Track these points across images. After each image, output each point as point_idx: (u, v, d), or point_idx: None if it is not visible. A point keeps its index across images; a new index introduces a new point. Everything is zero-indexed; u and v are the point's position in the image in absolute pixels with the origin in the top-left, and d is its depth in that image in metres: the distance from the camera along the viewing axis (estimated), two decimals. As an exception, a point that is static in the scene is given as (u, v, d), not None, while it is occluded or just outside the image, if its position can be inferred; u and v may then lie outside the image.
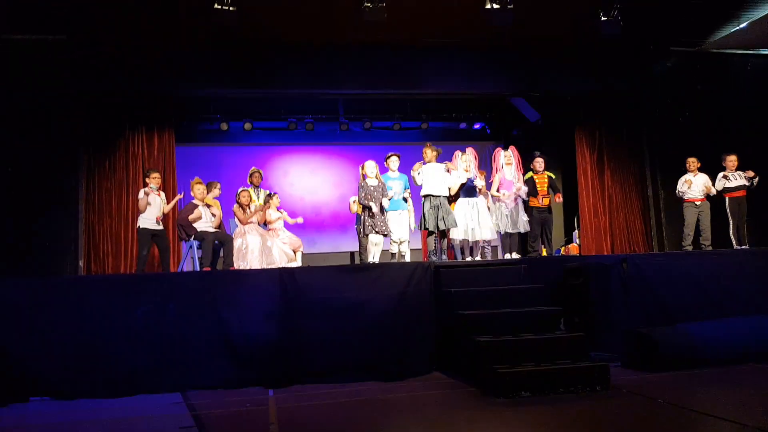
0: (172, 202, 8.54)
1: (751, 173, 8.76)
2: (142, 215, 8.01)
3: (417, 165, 7.96)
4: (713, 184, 8.97)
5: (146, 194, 7.96)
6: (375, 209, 7.72)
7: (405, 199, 8.31)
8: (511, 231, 8.54)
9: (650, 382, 5.58)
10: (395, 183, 8.11)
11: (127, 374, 5.91)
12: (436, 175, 7.88)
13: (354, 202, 9.19)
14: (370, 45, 9.53)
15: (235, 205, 8.51)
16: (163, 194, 8.37)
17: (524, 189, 8.63)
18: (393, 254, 8.05)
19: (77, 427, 4.90)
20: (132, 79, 9.37)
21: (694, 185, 8.97)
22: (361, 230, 7.95)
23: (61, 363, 5.86)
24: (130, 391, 5.83)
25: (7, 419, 5.24)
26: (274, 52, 9.49)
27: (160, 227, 8.19)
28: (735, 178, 8.87)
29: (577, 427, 4.32)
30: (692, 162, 9.09)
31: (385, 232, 7.81)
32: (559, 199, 9.03)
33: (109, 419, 5.07)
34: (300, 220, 9.05)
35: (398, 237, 7.93)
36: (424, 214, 7.74)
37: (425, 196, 7.82)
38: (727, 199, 8.88)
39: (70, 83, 9.07)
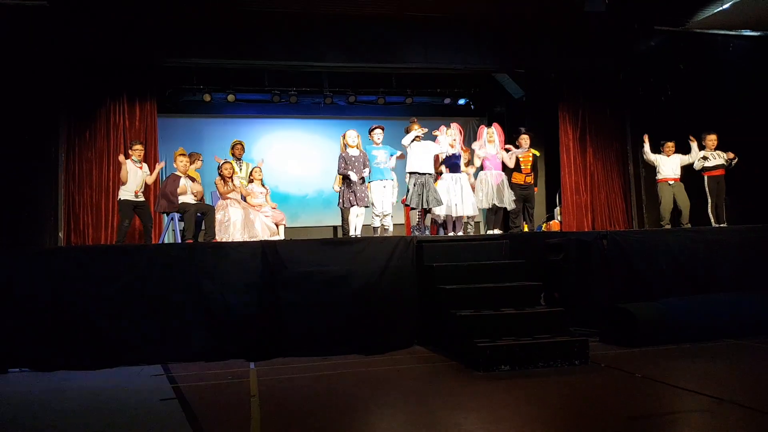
0: (155, 172, 8.42)
1: (731, 155, 8.84)
2: (122, 187, 7.93)
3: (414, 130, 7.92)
4: (692, 165, 9.03)
5: (122, 163, 7.83)
6: (354, 178, 7.69)
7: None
8: (497, 204, 8.54)
9: (628, 356, 5.68)
10: (379, 152, 8.03)
11: (108, 346, 5.91)
12: (422, 153, 7.85)
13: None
14: (355, 18, 9.45)
15: (217, 178, 8.44)
16: (145, 166, 8.27)
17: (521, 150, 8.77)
18: (375, 228, 8.03)
19: (57, 398, 4.89)
20: (114, 47, 9.19)
21: (666, 165, 9.03)
22: (342, 203, 7.89)
23: (40, 334, 5.85)
24: (111, 363, 5.83)
25: (-14, 389, 5.23)
26: (258, 23, 9.37)
27: (142, 199, 8.11)
28: (714, 157, 8.94)
29: (555, 400, 4.38)
30: (670, 146, 9.13)
31: (367, 204, 7.77)
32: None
33: (88, 391, 5.05)
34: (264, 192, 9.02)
35: (381, 210, 7.90)
36: (407, 190, 7.74)
37: (411, 173, 7.80)
38: (705, 178, 8.94)
39: (50, 51, 8.89)
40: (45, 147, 9.06)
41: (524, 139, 8.93)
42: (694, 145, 8.99)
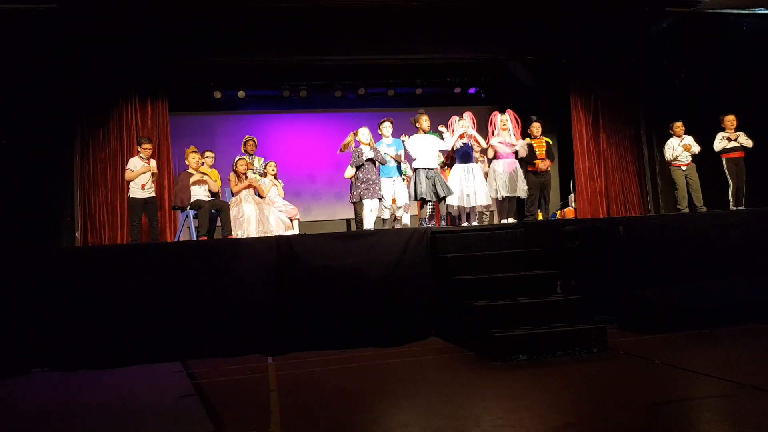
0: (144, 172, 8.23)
1: (734, 135, 8.73)
2: (131, 184, 7.97)
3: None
4: (712, 144, 8.92)
5: (133, 166, 7.93)
6: (368, 154, 7.60)
7: (399, 165, 8.18)
8: (509, 195, 8.49)
9: (647, 343, 5.65)
10: (390, 150, 8.04)
11: (127, 344, 5.96)
12: (428, 147, 7.77)
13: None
14: (363, 9, 9.40)
15: (232, 174, 8.48)
16: (153, 162, 8.26)
17: (522, 144, 8.62)
18: (385, 220, 8.00)
19: (78, 397, 4.94)
20: (125, 47, 9.25)
21: (679, 149, 8.91)
22: (355, 197, 7.78)
23: (61, 334, 5.91)
24: (131, 361, 5.88)
25: (8, 390, 5.29)
26: (266, 18, 9.35)
27: (151, 195, 8.12)
28: (732, 138, 8.81)
29: (574, 388, 4.36)
30: (679, 126, 9.02)
31: (379, 197, 7.72)
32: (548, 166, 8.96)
33: (110, 389, 5.11)
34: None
35: (390, 203, 7.87)
36: (415, 185, 7.59)
37: (417, 169, 7.65)
38: (724, 160, 8.82)
39: (62, 53, 8.95)
40: (59, 148, 9.13)
41: (535, 127, 8.85)
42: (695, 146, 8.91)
